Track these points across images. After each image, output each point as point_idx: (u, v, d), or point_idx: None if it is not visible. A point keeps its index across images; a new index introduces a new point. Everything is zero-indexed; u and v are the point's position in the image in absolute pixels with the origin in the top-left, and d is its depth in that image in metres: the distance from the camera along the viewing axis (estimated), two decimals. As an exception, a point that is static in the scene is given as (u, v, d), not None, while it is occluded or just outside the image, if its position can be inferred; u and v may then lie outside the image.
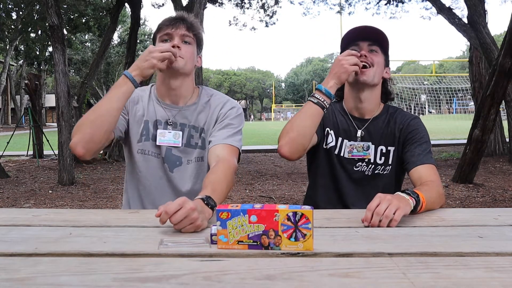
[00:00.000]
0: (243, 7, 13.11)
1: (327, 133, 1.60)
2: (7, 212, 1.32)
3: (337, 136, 1.59)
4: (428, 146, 1.53)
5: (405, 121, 1.56)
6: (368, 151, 1.56)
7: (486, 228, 1.09)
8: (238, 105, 1.58)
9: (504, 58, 4.93)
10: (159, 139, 1.52)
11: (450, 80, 32.23)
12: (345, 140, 1.58)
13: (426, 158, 1.48)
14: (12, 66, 31.11)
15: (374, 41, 1.52)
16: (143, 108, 1.55)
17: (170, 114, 1.54)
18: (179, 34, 1.47)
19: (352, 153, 1.57)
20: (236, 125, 1.52)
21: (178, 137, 1.53)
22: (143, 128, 1.53)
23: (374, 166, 1.56)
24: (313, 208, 0.89)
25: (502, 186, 5.63)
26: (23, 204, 5.01)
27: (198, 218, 1.03)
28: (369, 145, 1.56)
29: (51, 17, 6.08)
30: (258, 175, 6.85)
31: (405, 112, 1.62)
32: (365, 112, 1.58)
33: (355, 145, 1.57)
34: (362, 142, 1.56)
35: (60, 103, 6.18)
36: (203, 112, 1.55)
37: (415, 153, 1.50)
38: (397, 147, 1.56)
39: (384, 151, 1.56)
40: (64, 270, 0.78)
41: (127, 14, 27.27)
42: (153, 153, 1.54)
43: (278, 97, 71.65)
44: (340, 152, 1.58)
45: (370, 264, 0.82)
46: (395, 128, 1.56)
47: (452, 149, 10.28)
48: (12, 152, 10.32)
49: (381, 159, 1.56)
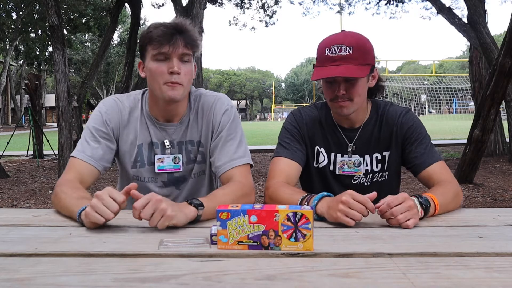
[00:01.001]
0: (243, 7, 13.11)
1: (317, 152, 1.52)
2: (7, 212, 1.32)
3: (329, 153, 1.52)
4: (428, 140, 1.47)
5: (398, 121, 1.48)
6: (360, 167, 1.49)
7: (486, 228, 1.09)
8: (229, 105, 1.43)
9: (504, 58, 4.93)
10: (158, 165, 1.41)
11: (450, 80, 32.21)
12: (338, 155, 1.51)
13: (430, 157, 1.43)
14: (12, 66, 31.11)
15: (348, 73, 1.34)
16: (135, 130, 1.41)
17: (166, 134, 1.41)
18: (178, 54, 1.28)
19: (343, 169, 1.50)
20: (234, 134, 1.40)
21: (178, 161, 1.42)
22: (137, 154, 1.41)
23: (372, 175, 1.51)
24: (313, 208, 0.89)
25: (502, 186, 5.63)
26: (23, 204, 5.01)
27: (167, 209, 1.01)
28: (360, 161, 1.49)
29: (51, 17, 6.08)
30: (258, 175, 6.84)
31: (395, 107, 1.51)
32: (354, 123, 1.50)
33: (345, 161, 1.50)
34: (353, 158, 1.49)
35: (60, 103, 6.18)
36: (194, 123, 1.42)
37: (418, 154, 1.44)
38: (394, 151, 1.49)
39: (379, 158, 1.50)
40: (64, 270, 0.78)
41: (127, 14, 27.28)
42: (150, 178, 1.44)
43: (278, 97, 71.66)
44: (335, 168, 1.51)
45: (370, 264, 0.82)
46: (388, 131, 1.49)
47: (452, 149, 10.27)
48: (12, 152, 10.31)
49: (378, 166, 1.50)
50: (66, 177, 1.30)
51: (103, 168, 1.37)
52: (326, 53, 1.35)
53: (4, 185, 6.14)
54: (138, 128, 1.40)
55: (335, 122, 1.52)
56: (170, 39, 1.26)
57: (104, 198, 1.02)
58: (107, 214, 1.01)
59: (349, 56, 1.32)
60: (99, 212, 1.01)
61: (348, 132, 1.51)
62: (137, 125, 1.41)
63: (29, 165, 8.42)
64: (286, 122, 1.56)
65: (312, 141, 1.52)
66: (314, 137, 1.52)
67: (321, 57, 1.37)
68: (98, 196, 1.02)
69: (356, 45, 1.33)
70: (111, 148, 1.39)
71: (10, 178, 6.79)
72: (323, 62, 1.36)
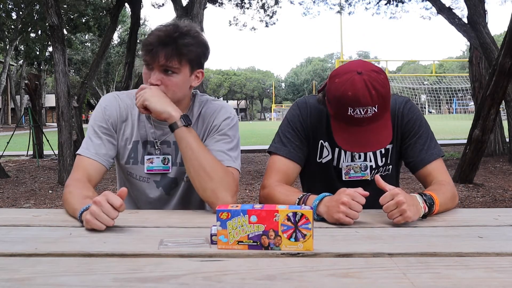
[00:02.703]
0: (243, 7, 13.11)
1: (321, 146, 1.46)
2: (7, 212, 1.32)
3: (333, 147, 1.46)
4: (428, 134, 1.43)
5: (398, 111, 1.43)
6: (366, 171, 1.45)
7: (486, 228, 1.09)
8: (232, 113, 1.42)
9: (504, 58, 4.93)
10: (147, 165, 1.41)
11: (450, 80, 32.23)
12: (342, 151, 1.46)
13: (430, 154, 1.40)
14: (12, 66, 31.11)
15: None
16: (132, 126, 1.41)
17: (163, 133, 1.41)
18: (158, 66, 1.26)
19: (349, 174, 1.46)
20: (231, 139, 1.37)
21: (168, 162, 1.41)
22: (132, 150, 1.42)
23: (377, 171, 1.47)
24: (313, 208, 0.89)
25: (502, 186, 5.63)
26: (23, 204, 5.01)
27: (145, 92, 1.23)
28: (366, 164, 1.45)
29: (51, 17, 6.08)
30: (258, 175, 6.84)
31: (394, 97, 1.45)
32: None
33: (352, 165, 1.45)
34: (359, 162, 1.45)
35: (60, 103, 6.18)
36: (195, 126, 1.39)
37: (417, 150, 1.41)
38: (395, 143, 1.46)
39: (383, 152, 1.47)
40: (64, 270, 0.78)
41: (127, 14, 27.26)
42: (141, 178, 1.43)
43: (278, 97, 71.67)
44: (338, 164, 1.47)
45: (370, 264, 0.82)
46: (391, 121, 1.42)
47: (452, 149, 10.27)
48: (12, 152, 10.31)
49: (382, 160, 1.47)
50: (73, 176, 1.32)
51: (108, 163, 1.38)
52: (349, 112, 1.25)
53: (4, 185, 6.14)
54: (136, 125, 1.41)
55: None
56: (151, 51, 1.25)
57: (103, 205, 1.02)
58: (107, 221, 1.03)
59: (374, 116, 1.25)
60: (100, 219, 1.02)
61: None
62: (135, 122, 1.41)
63: (29, 165, 8.42)
64: (289, 113, 1.49)
65: (316, 135, 1.46)
66: (318, 130, 1.45)
67: (342, 114, 1.27)
68: (97, 202, 1.03)
69: (382, 102, 1.24)
70: (113, 144, 1.40)
71: (10, 178, 6.79)
72: (344, 120, 1.28)
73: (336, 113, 1.30)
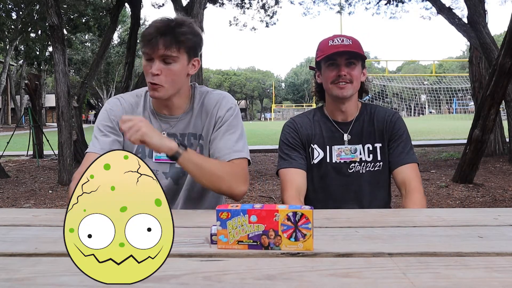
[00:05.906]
0: (244, 7, 13.10)
1: (311, 150, 1.64)
2: (7, 212, 1.32)
3: (324, 146, 1.64)
4: (409, 142, 1.63)
5: (387, 117, 1.64)
6: (355, 153, 1.62)
7: (486, 228, 1.09)
8: (234, 103, 1.48)
9: (504, 58, 4.93)
10: (155, 155, 1.45)
11: (450, 80, 32.25)
12: (333, 146, 1.63)
13: (408, 157, 1.59)
14: (12, 66, 31.12)
15: (351, 54, 1.55)
16: None
17: (169, 126, 1.46)
18: (158, 56, 1.33)
19: (341, 156, 1.62)
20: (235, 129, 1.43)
21: None
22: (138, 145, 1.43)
23: (365, 165, 1.62)
24: (313, 208, 0.89)
25: (502, 186, 5.63)
26: (23, 204, 5.01)
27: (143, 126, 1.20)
28: (356, 147, 1.62)
29: (51, 17, 6.08)
30: (258, 175, 6.84)
31: (384, 108, 1.69)
32: (347, 116, 1.64)
33: (342, 148, 1.63)
34: (349, 146, 1.62)
35: (60, 103, 6.18)
36: (198, 117, 1.47)
37: (397, 152, 1.60)
38: (383, 143, 1.62)
39: (371, 149, 1.62)
40: (64, 270, 0.78)
41: (127, 14, 27.28)
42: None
43: (278, 97, 71.64)
44: (331, 159, 1.63)
45: (370, 264, 0.82)
46: (379, 126, 1.63)
47: (452, 149, 10.26)
48: (12, 152, 10.32)
49: (370, 157, 1.62)
50: (79, 170, 1.34)
51: None
52: (330, 43, 1.56)
53: (4, 185, 6.14)
54: None
55: (329, 117, 1.67)
56: (151, 41, 1.31)
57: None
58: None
59: (349, 46, 1.54)
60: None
61: (342, 125, 1.65)
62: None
63: (29, 165, 8.42)
64: (282, 134, 1.69)
65: (308, 141, 1.65)
66: (309, 136, 1.65)
67: (325, 47, 1.57)
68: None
69: (354, 40, 1.58)
70: (119, 141, 1.44)
71: (10, 178, 6.79)
72: (327, 50, 1.55)
73: (321, 50, 1.58)
